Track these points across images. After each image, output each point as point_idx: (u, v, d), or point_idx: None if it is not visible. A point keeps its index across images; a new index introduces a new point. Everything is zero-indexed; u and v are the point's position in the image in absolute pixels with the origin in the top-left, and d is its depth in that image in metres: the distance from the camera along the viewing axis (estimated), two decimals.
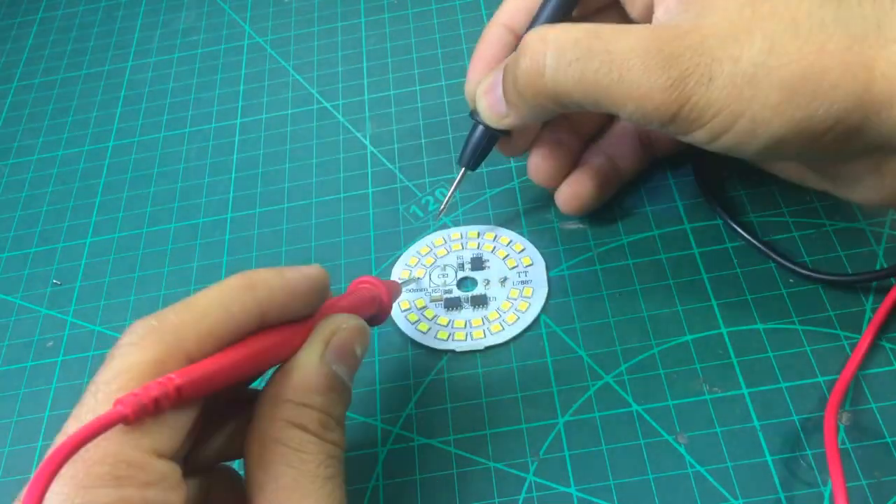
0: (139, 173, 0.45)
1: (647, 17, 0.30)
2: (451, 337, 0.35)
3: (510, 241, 0.37)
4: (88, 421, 0.19)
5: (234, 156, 0.44)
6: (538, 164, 0.36)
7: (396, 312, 0.36)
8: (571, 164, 0.37)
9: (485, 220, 0.39)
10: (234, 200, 0.42)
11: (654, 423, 0.31)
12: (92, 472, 0.19)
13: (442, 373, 0.34)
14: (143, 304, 0.39)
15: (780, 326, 0.33)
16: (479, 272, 0.37)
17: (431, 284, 0.37)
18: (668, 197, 0.38)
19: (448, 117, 0.44)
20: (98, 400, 0.21)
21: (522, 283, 0.36)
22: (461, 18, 0.49)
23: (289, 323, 0.25)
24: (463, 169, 0.36)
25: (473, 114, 0.35)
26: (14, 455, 0.35)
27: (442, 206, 0.37)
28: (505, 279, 0.36)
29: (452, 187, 0.36)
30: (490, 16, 0.48)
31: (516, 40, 0.34)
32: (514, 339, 0.34)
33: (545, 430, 0.32)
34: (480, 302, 0.35)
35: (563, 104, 0.30)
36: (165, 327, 0.22)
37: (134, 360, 0.21)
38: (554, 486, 0.30)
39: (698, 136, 0.27)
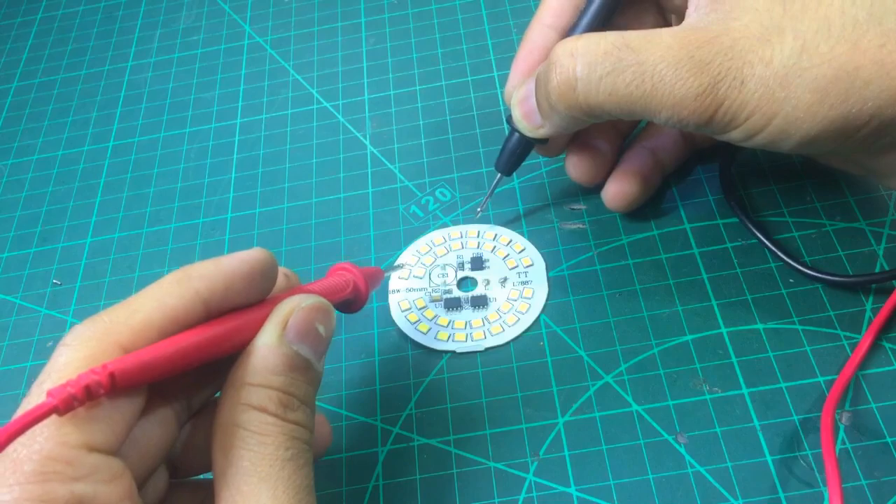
0: (139, 173, 0.45)
1: (683, 8, 0.30)
2: (451, 338, 0.35)
3: (510, 241, 0.37)
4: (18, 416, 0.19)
5: (234, 156, 0.44)
6: (577, 164, 0.36)
7: (397, 313, 0.36)
8: (612, 160, 0.36)
9: (485, 220, 0.39)
10: (234, 200, 0.42)
11: (654, 423, 0.31)
12: (18, 469, 0.19)
13: (442, 373, 0.34)
14: None
15: (780, 326, 0.33)
16: (480, 272, 0.37)
17: (431, 284, 0.37)
18: (669, 197, 0.38)
19: (448, 117, 0.44)
20: (31, 400, 0.21)
21: (522, 283, 0.36)
22: (461, 18, 0.49)
23: (242, 310, 0.25)
24: (499, 175, 0.36)
25: (510, 120, 0.34)
26: None
27: (479, 209, 0.38)
28: (505, 279, 0.36)
29: (489, 192, 0.37)
30: (490, 16, 0.48)
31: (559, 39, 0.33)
32: (514, 339, 0.34)
33: (545, 430, 0.32)
34: (480, 302, 0.35)
35: (596, 116, 0.30)
36: (98, 326, 0.22)
37: (67, 358, 0.21)
38: (554, 486, 0.30)
39: (734, 136, 0.28)
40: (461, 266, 0.37)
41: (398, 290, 0.36)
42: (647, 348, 0.33)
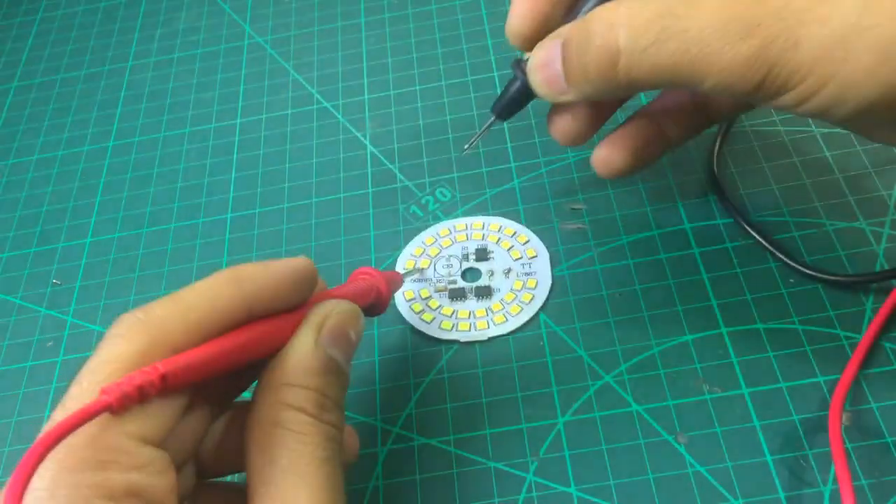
0: (139, 173, 0.45)
1: None
2: (454, 328, 0.35)
3: (515, 233, 0.38)
4: (74, 410, 0.19)
5: (234, 156, 0.44)
6: (558, 120, 0.33)
7: (401, 302, 0.36)
8: (598, 121, 0.33)
9: (483, 210, 0.39)
10: (234, 200, 0.42)
11: (654, 423, 0.31)
12: (76, 456, 0.20)
13: (442, 372, 0.34)
14: (143, 304, 0.39)
15: (780, 326, 0.33)
16: (484, 263, 0.37)
17: (436, 275, 0.37)
18: (669, 197, 0.38)
19: (448, 117, 0.44)
20: (83, 389, 0.21)
21: (526, 274, 0.36)
22: (461, 18, 0.49)
23: (279, 314, 0.25)
24: (493, 117, 0.34)
25: (516, 65, 0.32)
26: (14, 455, 0.35)
27: (466, 147, 0.36)
28: (509, 270, 0.36)
29: (480, 131, 0.35)
30: (490, 16, 0.48)
31: None
32: (517, 331, 0.34)
33: (545, 430, 0.32)
34: (485, 293, 0.36)
35: (636, 88, 0.28)
36: (151, 320, 0.22)
37: (119, 350, 0.22)
38: (554, 486, 0.30)
39: (784, 101, 0.26)
40: (466, 257, 0.37)
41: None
42: (647, 348, 0.33)
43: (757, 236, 0.35)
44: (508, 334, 0.34)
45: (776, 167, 0.38)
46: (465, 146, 0.36)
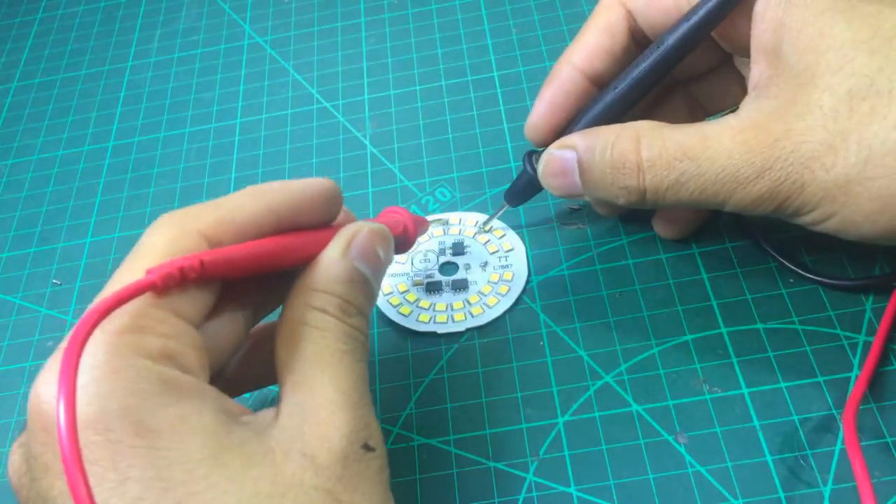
0: (139, 173, 0.45)
1: (714, 99, 0.33)
2: (432, 320, 0.35)
3: (491, 227, 0.38)
4: (120, 287, 0.21)
5: (234, 156, 0.44)
6: (665, 227, 0.36)
7: (379, 296, 0.36)
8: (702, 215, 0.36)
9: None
10: None
11: (654, 423, 0.31)
12: (118, 321, 0.21)
13: (442, 373, 0.34)
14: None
15: (780, 326, 0.33)
16: (460, 257, 0.37)
17: (414, 269, 0.37)
18: None
19: (448, 117, 0.44)
20: (125, 271, 0.23)
21: (503, 267, 0.36)
22: (461, 18, 0.49)
23: (309, 229, 0.27)
24: (505, 204, 0.36)
25: (527, 159, 0.34)
26: None
27: (481, 225, 0.38)
28: (486, 263, 0.37)
29: (493, 216, 0.37)
30: (490, 16, 0.48)
31: (590, 87, 0.33)
32: (497, 321, 0.35)
33: (545, 430, 0.32)
34: (461, 286, 0.36)
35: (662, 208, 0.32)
36: (184, 214, 0.25)
37: (155, 240, 0.24)
38: (554, 486, 0.30)
39: (799, 222, 0.28)
40: (443, 252, 0.38)
41: None
42: (647, 348, 0.33)
43: (757, 237, 0.35)
44: (485, 325, 0.35)
45: None
46: (481, 229, 0.38)
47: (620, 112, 0.32)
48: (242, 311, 0.27)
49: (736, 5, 0.29)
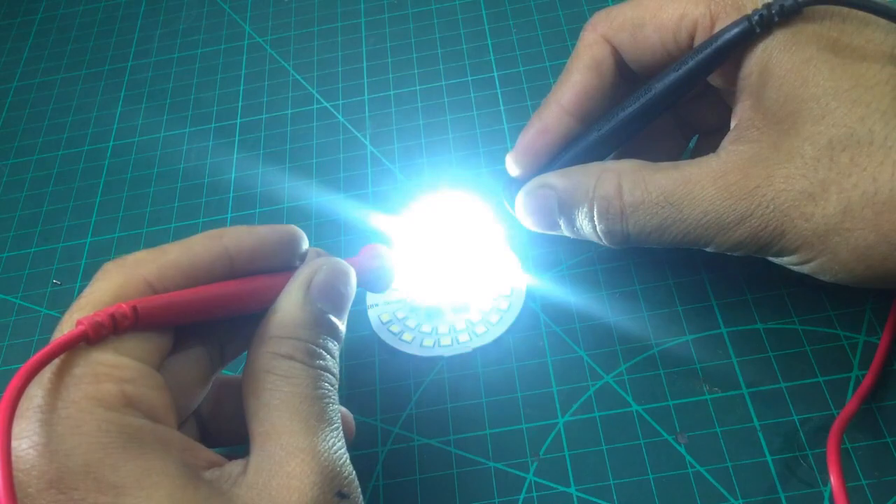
0: (139, 173, 0.45)
1: (706, 126, 0.32)
2: (436, 343, 0.35)
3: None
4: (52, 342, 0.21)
5: (234, 156, 0.44)
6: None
7: (378, 325, 0.36)
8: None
9: None
10: (234, 200, 0.42)
11: (654, 423, 0.31)
12: (72, 373, 0.21)
13: (442, 373, 0.34)
14: None
15: (780, 326, 0.33)
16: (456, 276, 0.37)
17: (409, 294, 0.36)
18: None
19: (448, 117, 0.44)
20: (65, 322, 0.23)
21: (500, 282, 0.36)
22: (461, 18, 0.49)
23: (270, 273, 0.27)
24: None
25: (507, 201, 0.33)
26: None
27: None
28: (483, 281, 0.36)
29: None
30: (489, 16, 0.48)
31: (576, 125, 0.32)
32: (502, 337, 0.34)
33: (545, 430, 0.32)
34: (461, 306, 0.35)
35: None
36: (127, 262, 0.24)
37: (96, 288, 0.24)
38: (554, 486, 0.30)
39: (781, 262, 0.28)
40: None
41: (377, 304, 0.36)
42: (647, 348, 0.33)
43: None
44: (491, 343, 0.34)
45: None
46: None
47: (604, 153, 0.31)
48: (206, 349, 0.26)
49: (726, 60, 0.28)
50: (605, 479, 0.30)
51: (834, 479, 0.27)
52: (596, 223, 0.30)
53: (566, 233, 0.31)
